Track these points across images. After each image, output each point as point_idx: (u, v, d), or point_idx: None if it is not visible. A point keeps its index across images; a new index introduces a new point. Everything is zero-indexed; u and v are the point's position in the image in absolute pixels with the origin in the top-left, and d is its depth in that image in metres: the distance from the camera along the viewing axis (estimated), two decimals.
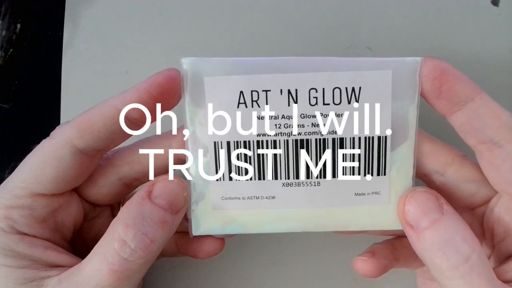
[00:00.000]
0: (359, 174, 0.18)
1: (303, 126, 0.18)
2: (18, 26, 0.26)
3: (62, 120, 0.26)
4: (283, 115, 0.18)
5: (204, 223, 0.19)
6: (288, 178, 0.18)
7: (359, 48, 0.26)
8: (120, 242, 0.16)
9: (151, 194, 0.17)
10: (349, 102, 0.18)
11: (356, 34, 0.26)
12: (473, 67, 0.26)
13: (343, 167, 0.18)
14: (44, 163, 0.17)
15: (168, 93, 0.17)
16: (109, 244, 0.16)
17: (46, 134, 0.18)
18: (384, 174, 0.18)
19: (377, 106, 0.18)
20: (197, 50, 0.26)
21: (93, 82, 0.26)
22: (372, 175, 0.18)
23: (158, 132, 0.20)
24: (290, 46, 0.26)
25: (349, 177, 0.18)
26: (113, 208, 0.21)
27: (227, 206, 0.19)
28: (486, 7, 0.26)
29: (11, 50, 0.26)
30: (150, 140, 0.19)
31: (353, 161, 0.18)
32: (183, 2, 0.26)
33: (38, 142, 0.18)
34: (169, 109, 0.18)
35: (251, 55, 0.20)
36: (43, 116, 0.25)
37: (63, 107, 0.26)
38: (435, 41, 0.26)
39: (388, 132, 0.18)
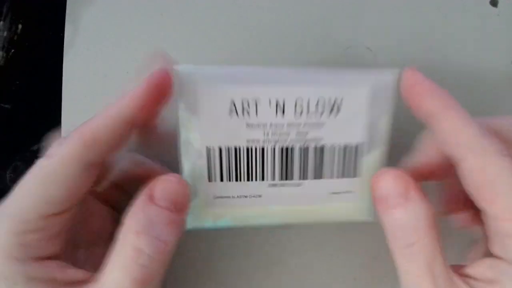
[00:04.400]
0: (335, 176, 0.21)
1: (288, 134, 0.20)
2: (20, 26, 0.26)
3: (63, 120, 0.26)
4: (271, 123, 0.19)
5: (197, 218, 0.21)
6: (274, 180, 0.20)
7: (359, 48, 0.26)
8: (136, 251, 0.16)
9: (153, 197, 0.17)
10: (330, 113, 0.20)
11: (356, 34, 0.26)
12: (472, 67, 0.26)
13: (322, 170, 0.20)
14: (52, 183, 0.17)
15: (164, 92, 0.18)
16: (125, 255, 0.16)
17: (46, 134, 0.19)
18: (357, 176, 0.21)
19: (355, 117, 0.20)
20: (197, 50, 0.26)
21: (94, 82, 0.26)
22: (346, 177, 0.21)
23: None
24: (290, 46, 0.26)
25: (326, 179, 0.21)
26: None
27: (218, 204, 0.20)
28: (485, 7, 0.26)
29: (13, 50, 0.26)
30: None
31: (331, 165, 0.20)
32: (183, 2, 0.26)
33: (39, 142, 0.18)
34: (164, 106, 0.19)
35: (250, 56, 0.22)
36: (44, 117, 0.25)
37: (64, 107, 0.26)
38: (434, 42, 0.26)
39: (363, 140, 0.20)
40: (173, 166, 0.21)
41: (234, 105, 0.19)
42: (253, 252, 0.25)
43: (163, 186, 0.17)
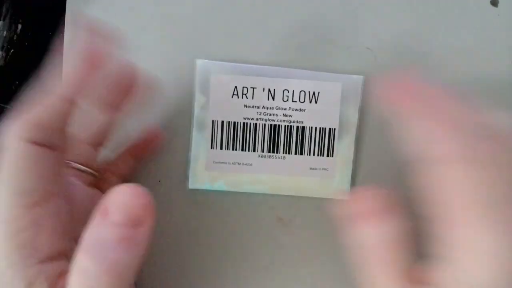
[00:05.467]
0: (314, 154, 0.25)
1: (277, 115, 0.25)
2: (19, 26, 0.26)
3: None
4: (263, 105, 0.25)
5: (199, 179, 0.25)
6: (263, 152, 0.25)
7: (359, 49, 0.26)
8: (83, 271, 0.15)
9: (107, 211, 0.15)
10: (310, 102, 0.25)
11: (356, 34, 0.26)
12: (473, 68, 0.26)
13: (302, 147, 0.25)
14: (14, 172, 0.16)
15: (96, 65, 0.18)
16: (75, 276, 0.15)
17: None
18: (332, 156, 0.25)
19: (330, 107, 0.25)
20: (197, 50, 0.26)
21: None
22: (323, 155, 0.25)
23: None
24: (290, 46, 0.26)
25: (306, 155, 0.25)
26: None
27: (216, 168, 0.25)
28: (485, 7, 0.26)
29: (12, 50, 0.26)
30: None
31: (310, 144, 0.25)
32: (183, 3, 0.26)
33: None
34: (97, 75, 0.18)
35: (250, 55, 0.25)
36: None
37: None
38: (434, 42, 0.26)
39: (336, 126, 0.25)
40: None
41: (236, 90, 0.25)
42: (252, 253, 0.26)
43: (115, 198, 0.16)
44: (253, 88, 0.25)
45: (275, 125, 0.25)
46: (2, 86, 0.26)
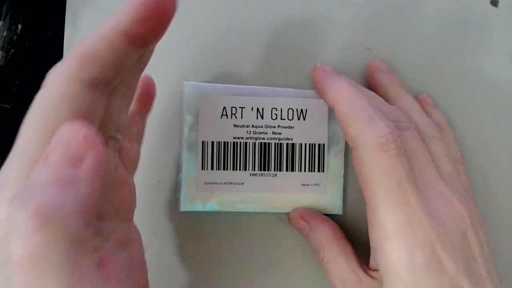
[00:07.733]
0: (305, 170, 0.25)
1: (266, 133, 0.25)
2: (19, 26, 0.26)
3: None
4: (252, 124, 0.25)
5: (190, 201, 0.25)
6: (254, 170, 0.25)
7: (358, 49, 0.26)
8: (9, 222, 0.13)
9: (47, 154, 0.14)
10: (298, 119, 0.26)
11: (355, 34, 0.26)
12: (472, 67, 0.27)
13: (293, 164, 0.25)
14: (56, 113, 0.15)
15: (163, 10, 0.15)
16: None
17: None
18: (323, 171, 0.25)
19: (318, 123, 0.26)
20: (197, 50, 0.26)
21: None
22: (314, 171, 0.25)
23: None
24: (289, 47, 0.26)
25: (297, 172, 0.25)
26: None
27: (208, 189, 0.25)
28: (485, 7, 0.27)
29: (12, 50, 0.26)
30: None
31: (301, 160, 0.25)
32: (183, 2, 0.27)
33: None
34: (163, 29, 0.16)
35: (250, 55, 0.26)
36: None
37: None
38: (434, 42, 0.27)
39: (325, 142, 0.26)
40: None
41: (225, 110, 0.25)
42: (252, 253, 0.26)
43: (56, 138, 0.14)
44: (242, 108, 0.25)
45: (265, 143, 0.25)
46: (3, 86, 0.26)
